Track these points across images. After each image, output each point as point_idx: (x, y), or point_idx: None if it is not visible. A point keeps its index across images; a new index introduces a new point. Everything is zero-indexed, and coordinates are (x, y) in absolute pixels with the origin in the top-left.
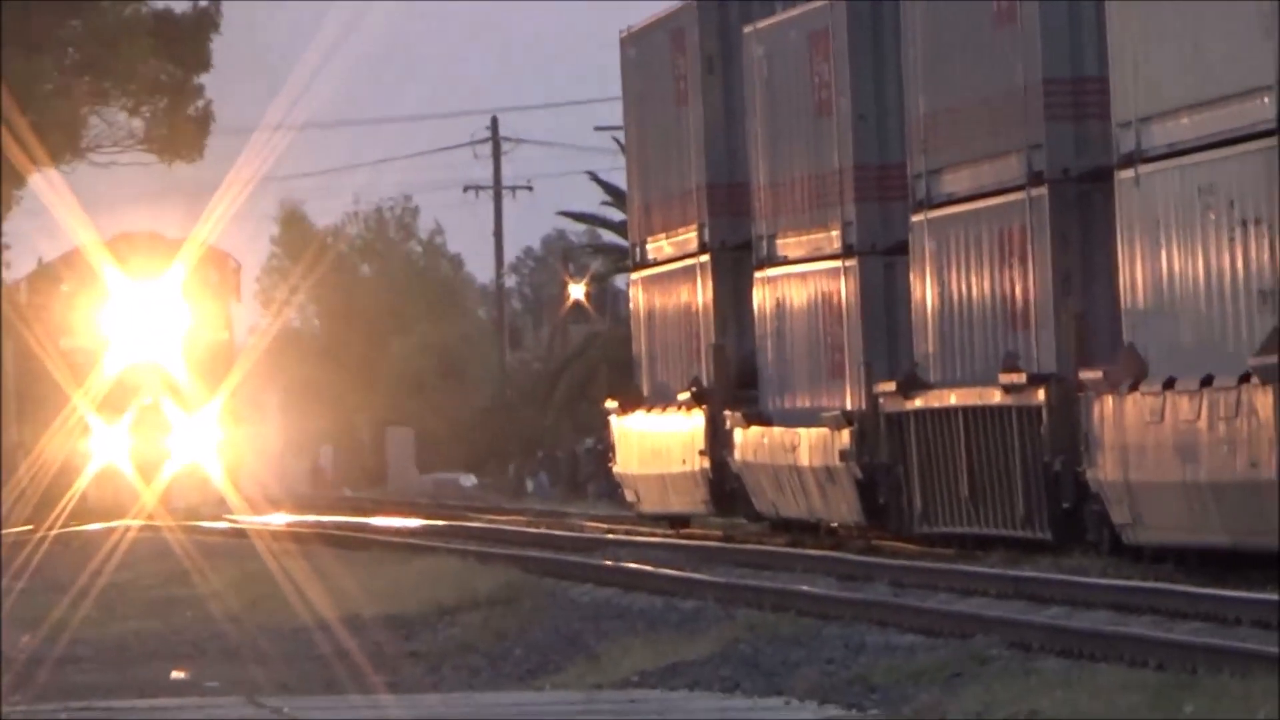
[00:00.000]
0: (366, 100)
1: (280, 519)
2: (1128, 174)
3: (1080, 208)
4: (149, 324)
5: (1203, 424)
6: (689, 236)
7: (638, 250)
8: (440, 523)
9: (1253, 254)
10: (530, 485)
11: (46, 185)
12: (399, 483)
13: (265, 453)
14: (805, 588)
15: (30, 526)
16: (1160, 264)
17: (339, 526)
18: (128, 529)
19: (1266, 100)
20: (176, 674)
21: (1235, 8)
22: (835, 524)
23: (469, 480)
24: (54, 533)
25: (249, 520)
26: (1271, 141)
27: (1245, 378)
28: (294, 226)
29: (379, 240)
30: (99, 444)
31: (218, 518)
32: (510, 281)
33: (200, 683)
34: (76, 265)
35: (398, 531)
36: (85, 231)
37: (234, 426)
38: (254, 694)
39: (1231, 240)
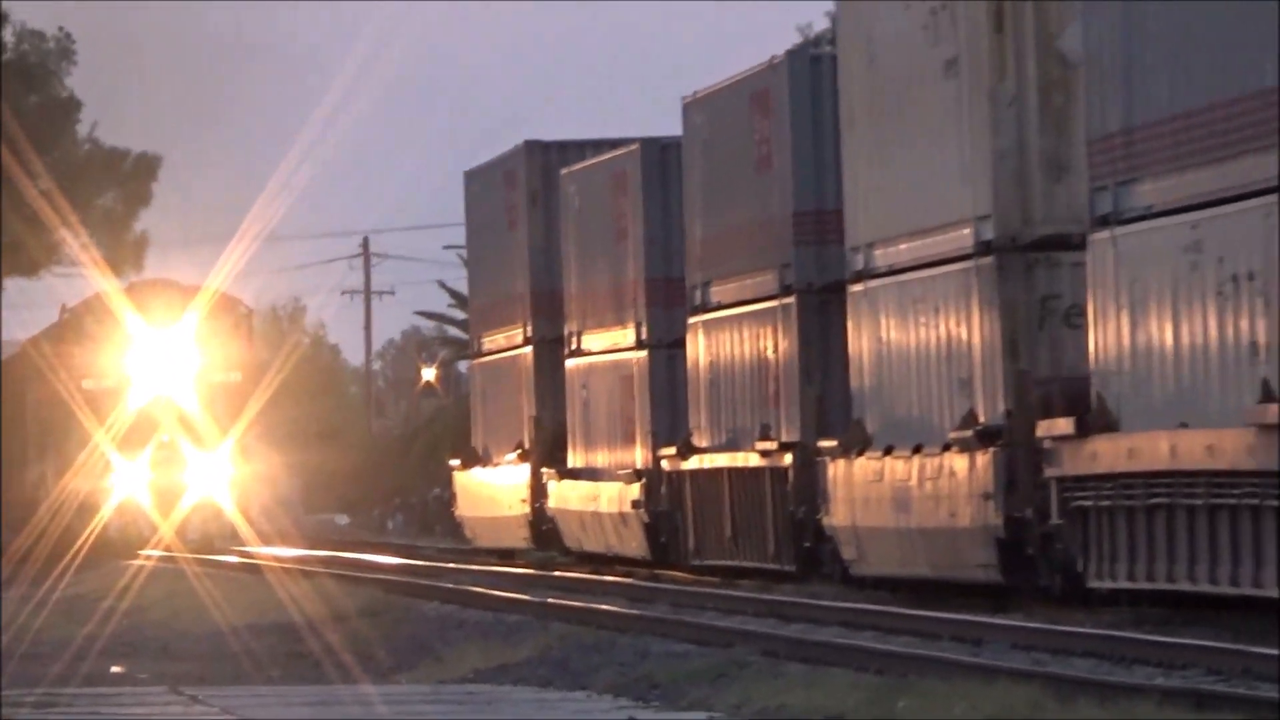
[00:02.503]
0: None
1: (291, 552)
2: (858, 287)
3: (820, 313)
4: (166, 366)
5: (914, 482)
6: (515, 332)
7: (476, 342)
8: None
9: (953, 351)
10: (390, 524)
11: (70, 237)
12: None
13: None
14: (604, 606)
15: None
16: (881, 357)
17: (340, 562)
18: (143, 566)
19: (967, 230)
20: (115, 669)
21: (942, 160)
22: (627, 557)
23: (343, 519)
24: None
25: (260, 553)
26: (970, 264)
27: (947, 447)
28: None
29: (274, 333)
30: (120, 479)
31: (230, 551)
32: (376, 366)
33: (134, 675)
34: (98, 311)
35: (301, 559)
36: (105, 279)
37: (245, 463)
38: (176, 684)
39: (937, 340)
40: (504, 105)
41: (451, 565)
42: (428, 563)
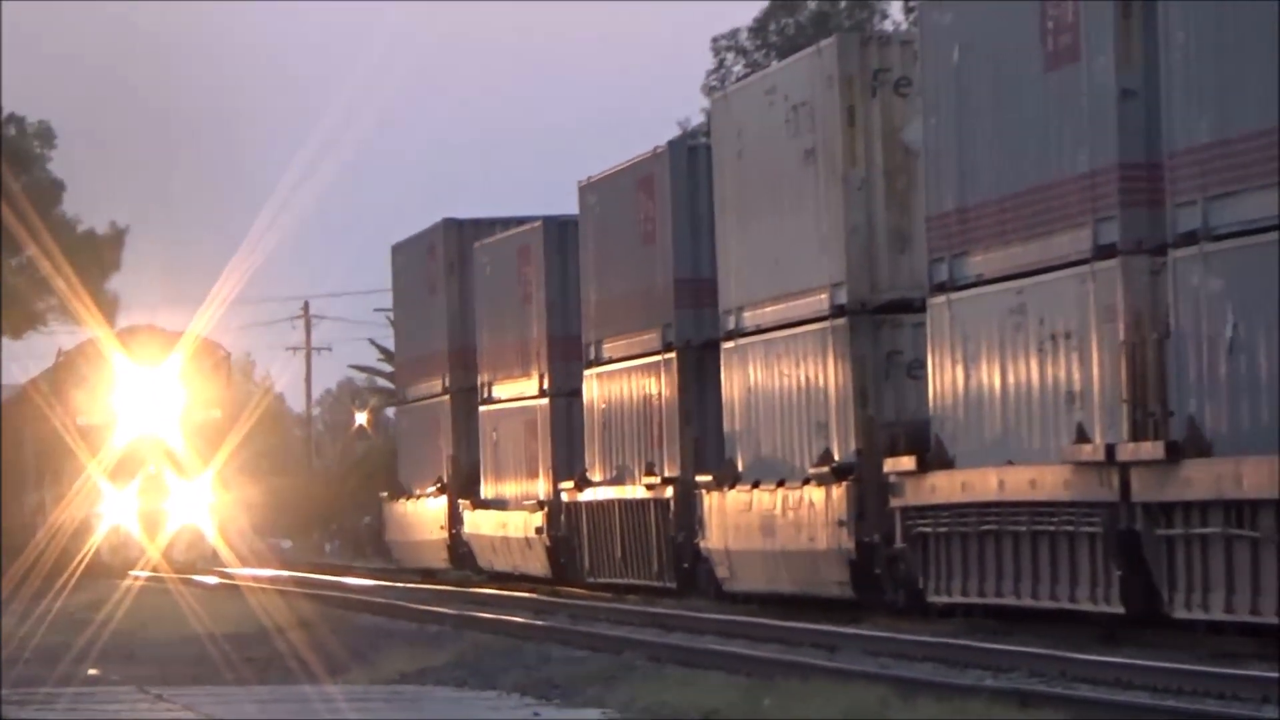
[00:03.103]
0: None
1: (262, 572)
2: (729, 344)
3: (698, 367)
4: (152, 404)
5: (778, 511)
6: (435, 382)
7: (402, 391)
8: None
9: (812, 399)
10: (327, 548)
11: (69, 291)
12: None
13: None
14: (512, 618)
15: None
16: (750, 404)
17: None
18: (132, 585)
19: (823, 296)
20: (91, 671)
21: (802, 236)
22: (532, 575)
23: (287, 543)
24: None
25: (240, 573)
26: (826, 324)
27: (806, 481)
28: None
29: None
30: (110, 506)
31: (210, 571)
32: (316, 412)
33: (108, 676)
34: (91, 354)
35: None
36: (98, 324)
37: (224, 492)
38: (143, 684)
39: (797, 391)
40: (425, 187)
41: (382, 583)
42: (362, 580)
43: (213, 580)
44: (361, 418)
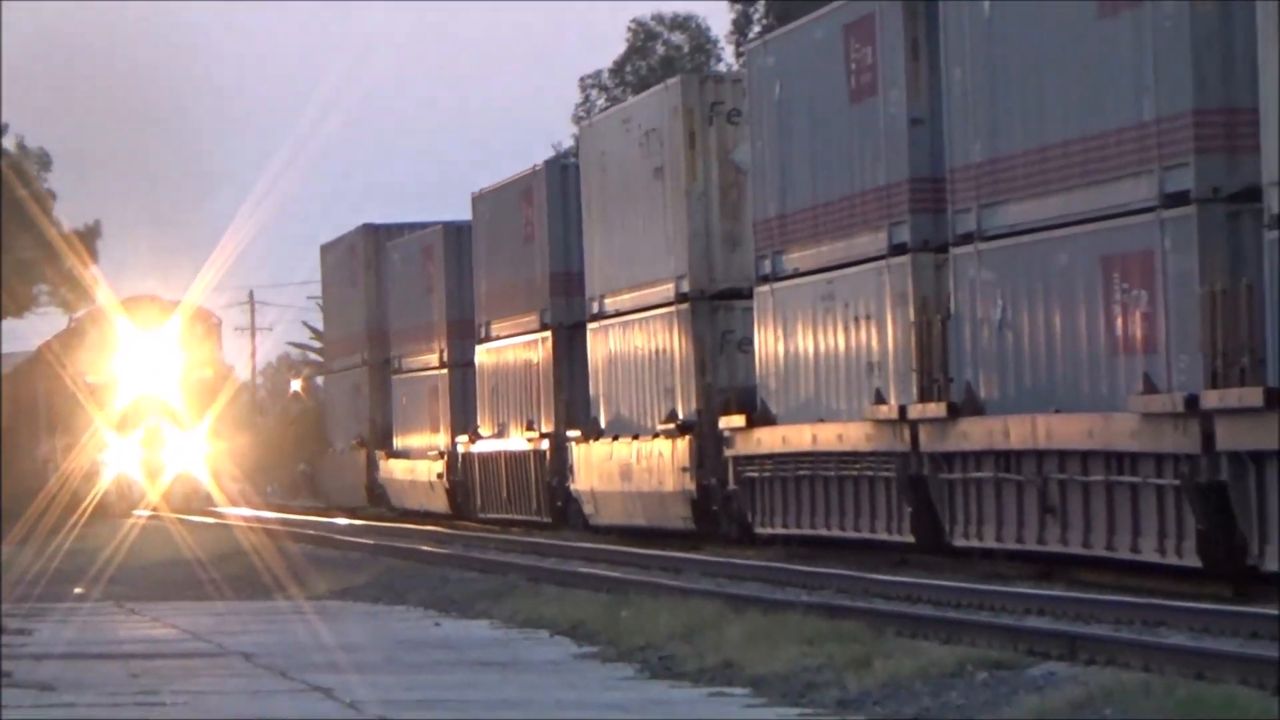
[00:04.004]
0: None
1: (247, 512)
2: (594, 325)
3: (569, 343)
4: (153, 364)
5: (633, 459)
6: (357, 357)
7: (329, 364)
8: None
9: (661, 368)
10: (269, 490)
11: (77, 261)
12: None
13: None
14: (418, 546)
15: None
16: (611, 372)
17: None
18: (135, 523)
19: (670, 286)
20: (77, 590)
21: (652, 238)
22: (434, 512)
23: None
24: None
25: (230, 513)
26: (672, 308)
27: (656, 435)
28: None
29: (219, 347)
30: (116, 455)
31: (206, 512)
32: (259, 381)
33: (90, 594)
34: (99, 320)
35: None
36: (105, 293)
37: (217, 442)
38: (121, 600)
39: (650, 365)
40: (346, 194)
41: (312, 518)
42: (300, 516)
43: (203, 519)
44: (296, 385)
